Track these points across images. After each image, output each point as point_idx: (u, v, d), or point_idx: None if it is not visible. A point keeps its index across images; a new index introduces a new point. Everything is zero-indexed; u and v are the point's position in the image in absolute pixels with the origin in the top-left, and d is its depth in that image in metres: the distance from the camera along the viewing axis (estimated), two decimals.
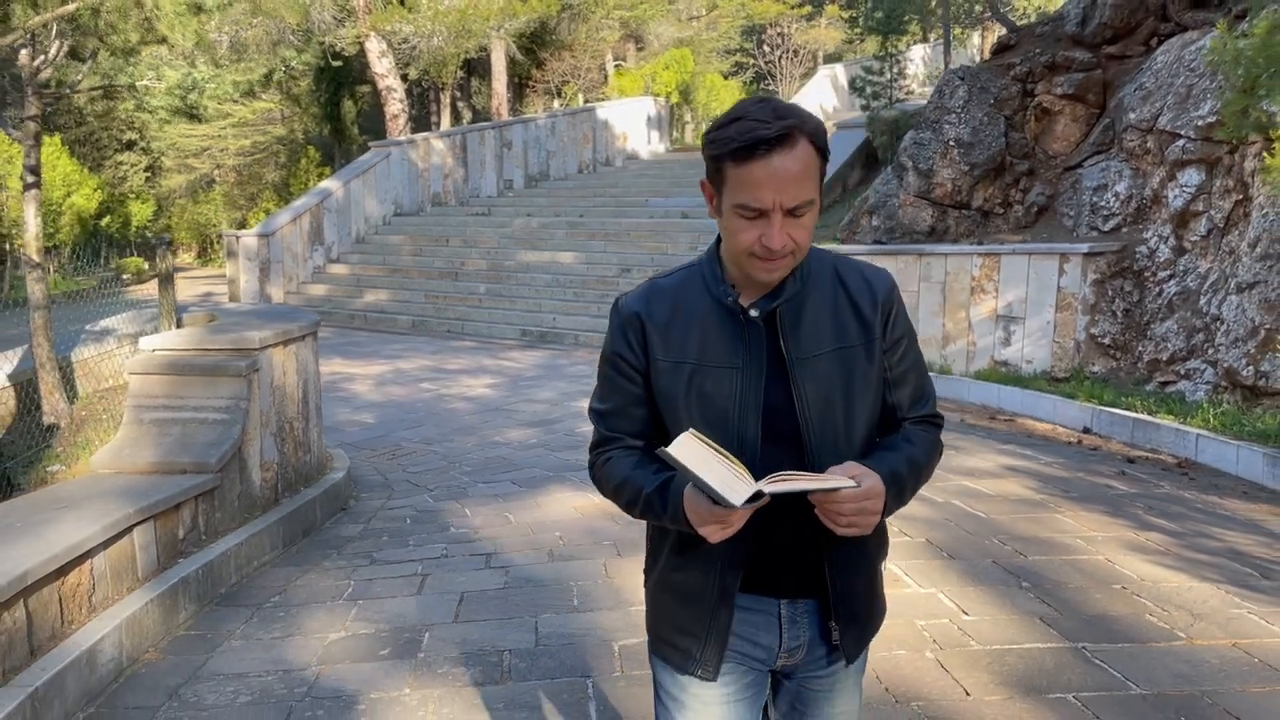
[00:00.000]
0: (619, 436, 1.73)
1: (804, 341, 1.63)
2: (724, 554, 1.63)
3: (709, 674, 1.68)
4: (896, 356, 1.70)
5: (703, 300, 1.66)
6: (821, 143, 1.55)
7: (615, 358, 1.71)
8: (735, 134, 1.51)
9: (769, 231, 1.52)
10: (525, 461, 7.41)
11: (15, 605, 3.41)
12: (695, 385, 1.63)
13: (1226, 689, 3.28)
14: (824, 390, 1.62)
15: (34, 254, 5.72)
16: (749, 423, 1.61)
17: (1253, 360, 7.13)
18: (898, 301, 1.70)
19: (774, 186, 1.49)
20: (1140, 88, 9.48)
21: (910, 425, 1.73)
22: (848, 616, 1.69)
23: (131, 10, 4.34)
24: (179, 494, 4.62)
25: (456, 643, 3.90)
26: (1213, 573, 4.47)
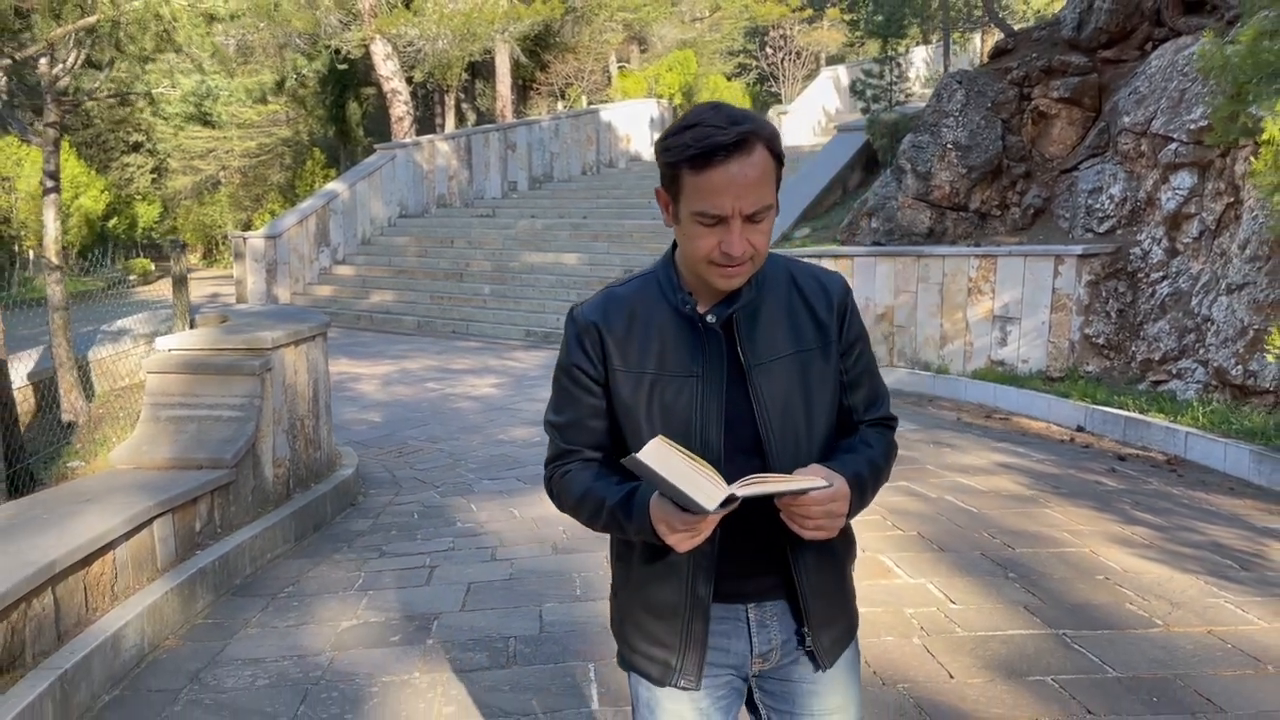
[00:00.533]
0: (576, 449, 1.71)
1: (760, 346, 1.63)
2: (694, 563, 1.62)
3: (692, 684, 1.66)
4: (852, 359, 1.70)
5: (660, 308, 1.65)
6: (777, 148, 1.55)
7: (572, 368, 1.69)
8: (691, 140, 1.50)
9: (728, 238, 1.51)
10: (530, 459, 7.58)
11: (44, 592, 3.58)
12: (656, 395, 1.62)
13: (1199, 673, 3.43)
14: (782, 394, 1.62)
15: (53, 256, 5.89)
16: (711, 431, 1.60)
17: (1241, 360, 7.28)
18: (852, 304, 1.72)
19: (733, 193, 1.49)
20: (1134, 92, 9.63)
21: (866, 428, 1.73)
22: (820, 619, 1.68)
23: (150, 22, 4.52)
24: (196, 489, 4.80)
25: (464, 630, 4.06)
26: (1194, 565, 4.63)
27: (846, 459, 1.63)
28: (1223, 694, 3.27)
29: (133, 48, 5.00)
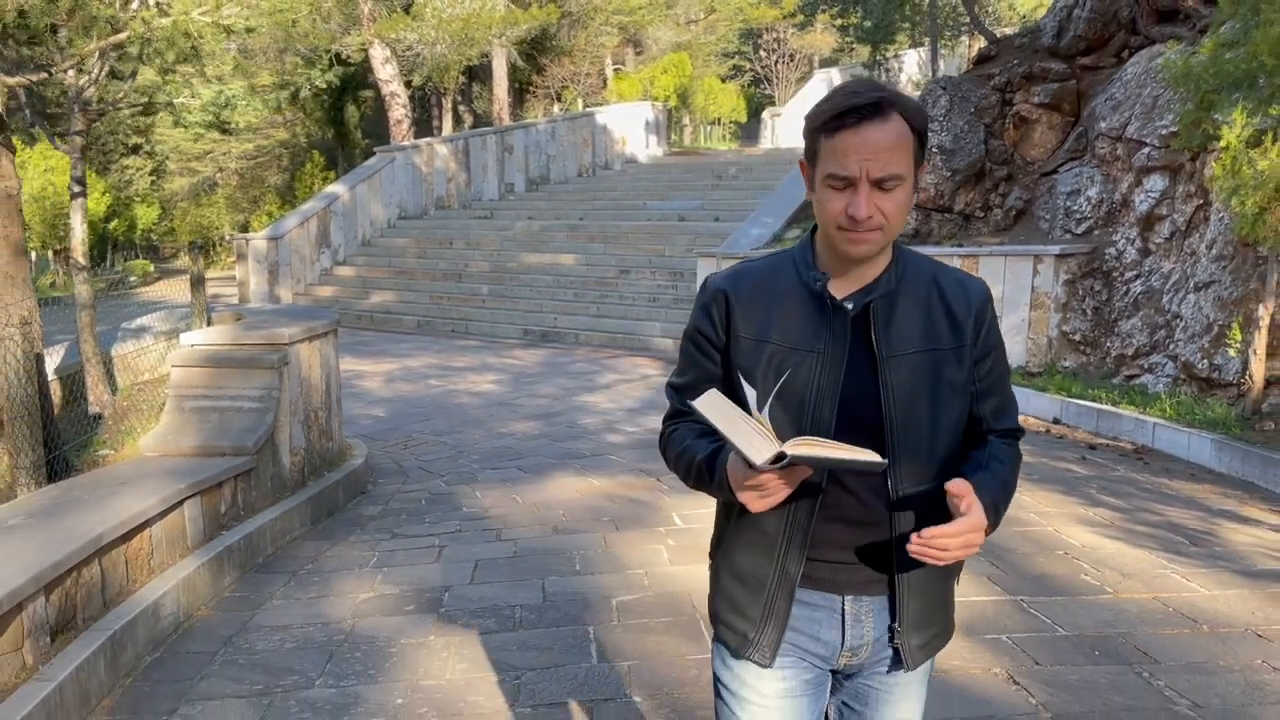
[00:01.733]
0: (689, 411, 1.68)
1: (895, 338, 1.61)
2: (788, 537, 1.62)
3: (765, 659, 1.66)
4: (986, 367, 1.68)
5: (791, 283, 1.66)
6: (918, 122, 1.54)
7: (696, 333, 1.72)
8: (829, 106, 1.52)
9: (855, 200, 1.51)
10: (530, 450, 7.93)
11: (92, 563, 3.93)
12: (774, 365, 1.62)
13: (1140, 631, 3.80)
14: (910, 389, 1.61)
15: (80, 257, 6.23)
16: (824, 409, 1.59)
17: (1207, 354, 7.66)
18: (992, 311, 1.70)
19: (862, 154, 1.49)
20: (1111, 98, 10.01)
21: (994, 439, 1.71)
22: (914, 621, 1.66)
23: (179, 39, 4.85)
24: (221, 473, 5.15)
25: (473, 600, 4.42)
26: (1149, 541, 5.00)
27: (984, 479, 1.60)
28: (1159, 649, 3.64)
29: (159, 61, 5.30)
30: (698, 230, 16.74)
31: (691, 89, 31.78)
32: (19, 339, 4.54)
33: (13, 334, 4.52)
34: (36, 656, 3.46)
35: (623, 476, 6.82)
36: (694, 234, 16.60)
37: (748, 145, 28.42)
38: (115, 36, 4.81)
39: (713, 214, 17.50)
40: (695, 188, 19.56)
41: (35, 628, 3.47)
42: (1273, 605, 4.08)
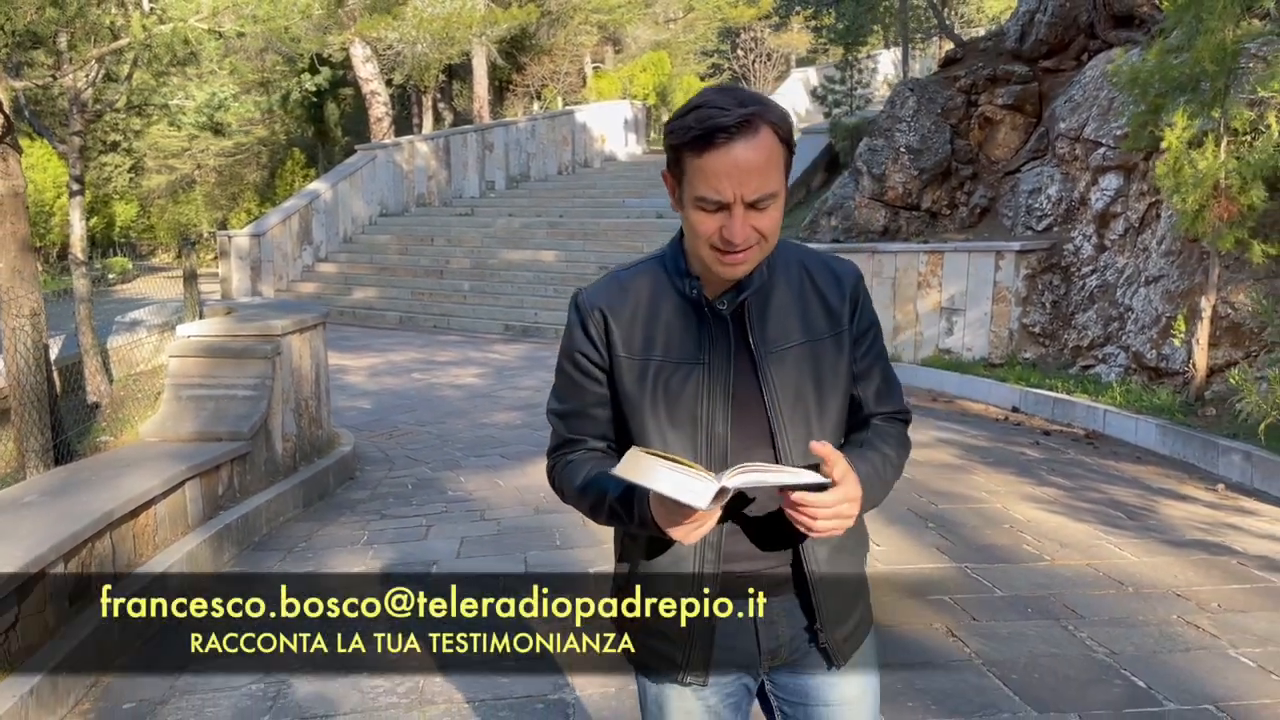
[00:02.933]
0: (579, 439, 1.66)
1: (771, 334, 1.58)
2: (700, 556, 1.58)
3: (699, 679, 1.63)
4: (863, 349, 1.65)
5: (666, 293, 1.60)
6: (785, 132, 1.48)
7: (575, 354, 1.64)
8: (694, 122, 1.45)
9: (730, 225, 1.46)
10: (512, 440, 8.24)
11: (104, 536, 4.22)
12: (661, 383, 1.58)
13: (1070, 592, 4.17)
14: (793, 384, 1.57)
15: (79, 253, 6.49)
16: (718, 419, 1.56)
17: (1155, 345, 8.07)
18: (864, 292, 1.66)
19: (734, 178, 1.43)
20: (1070, 100, 10.41)
21: (880, 421, 1.67)
22: (833, 618, 1.62)
23: (178, 46, 5.11)
24: (219, 457, 5.43)
25: (460, 571, 4.73)
26: (1089, 516, 5.37)
27: (860, 454, 1.57)
28: (1086, 606, 4.00)
29: (156, 65, 5.54)
30: (674, 227, 16.99)
31: (671, 87, 32.09)
32: (29, 330, 4.82)
33: (23, 325, 4.79)
34: (58, 619, 3.75)
35: None
36: (671, 231, 16.65)
37: None
38: (117, 43, 5.08)
39: None
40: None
41: (56, 593, 3.76)
42: (1194, 570, 4.46)
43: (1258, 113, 6.89)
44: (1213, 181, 6.59)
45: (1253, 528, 5.19)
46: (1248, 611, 3.94)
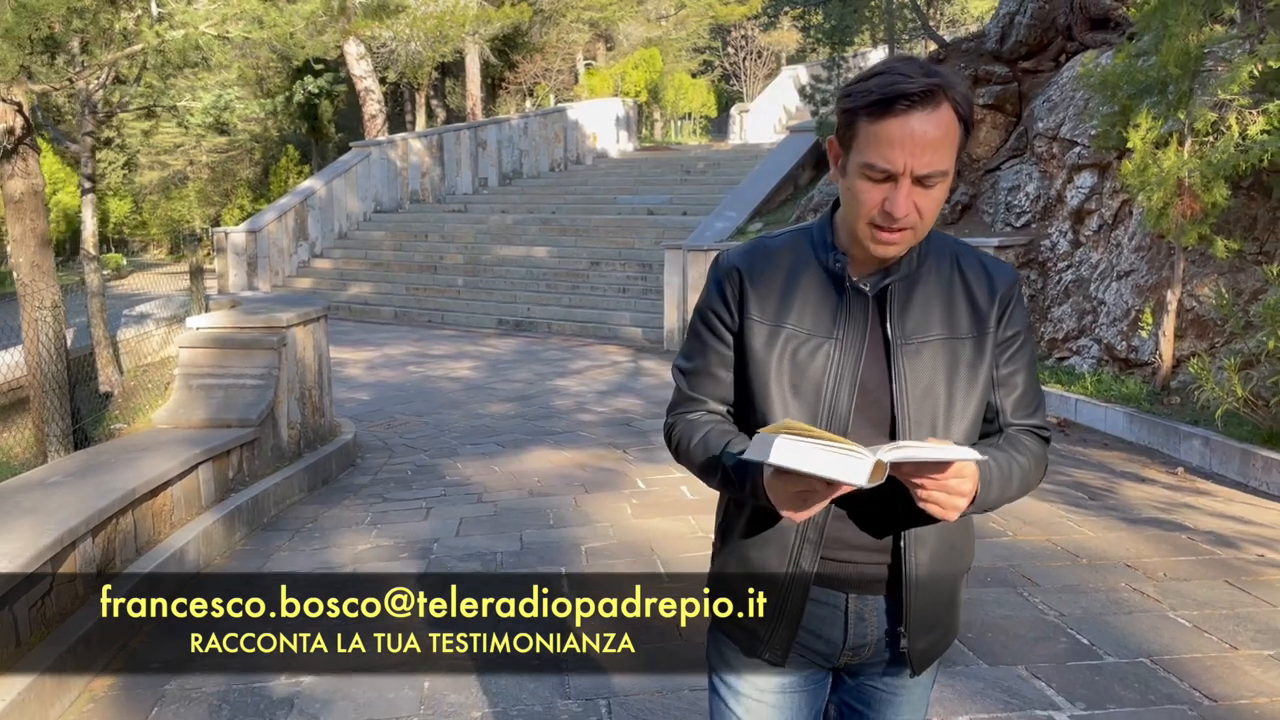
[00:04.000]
0: (700, 399, 1.64)
1: (911, 324, 1.54)
2: (802, 535, 1.55)
3: (777, 658, 1.60)
4: (1007, 355, 1.59)
5: (808, 264, 1.57)
6: (966, 111, 1.44)
7: (708, 313, 1.62)
8: (876, 86, 1.41)
9: (894, 197, 1.42)
10: (506, 429, 8.53)
11: (127, 514, 4.51)
12: (789, 351, 1.55)
13: (1028, 563, 4.48)
14: (925, 378, 1.53)
15: (91, 249, 6.76)
16: (842, 398, 1.53)
17: (1126, 337, 8.39)
18: (1017, 297, 1.60)
19: (907, 148, 1.39)
20: (1048, 100, 10.73)
21: (1017, 432, 1.61)
22: (919, 624, 1.58)
23: (190, 51, 5.37)
24: (229, 442, 5.72)
25: (459, 549, 5.03)
26: (1054, 497, 5.69)
27: (988, 452, 1.51)
28: (1041, 576, 4.32)
29: (167, 69, 5.78)
30: (666, 224, 17.35)
31: (662, 84, 32.38)
32: (50, 320, 5.09)
33: (45, 316, 5.06)
34: (86, 588, 4.03)
35: (593, 449, 7.44)
36: (662, 227, 17.21)
37: (717, 140, 29.08)
38: (130, 49, 5.35)
39: (680, 208, 18.12)
40: (664, 182, 20.16)
41: (86, 563, 4.05)
42: (1146, 544, 4.78)
43: (1220, 114, 7.21)
44: (1175, 180, 6.90)
45: (1205, 506, 5.51)
46: (1190, 580, 4.26)
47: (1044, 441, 1.64)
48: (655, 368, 11.84)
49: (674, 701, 3.22)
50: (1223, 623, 3.76)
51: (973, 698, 3.18)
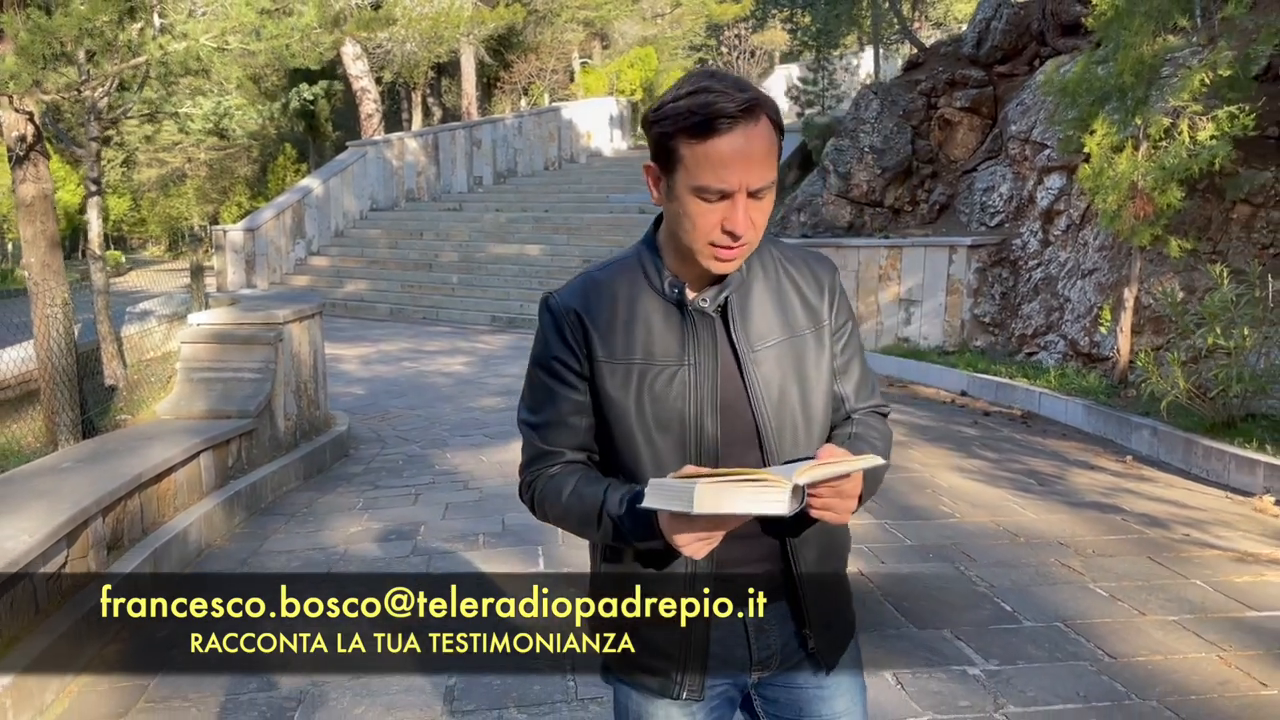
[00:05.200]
0: (557, 450, 1.59)
1: (754, 332, 1.55)
2: (694, 566, 1.51)
3: (696, 694, 1.58)
4: (841, 344, 1.63)
5: (643, 293, 1.55)
6: (779, 122, 1.45)
7: (552, 362, 1.57)
8: (694, 107, 1.39)
9: (733, 216, 1.41)
10: (495, 421, 8.88)
11: (134, 496, 4.85)
12: (646, 386, 1.52)
13: (969, 542, 4.84)
14: (778, 382, 1.54)
15: (96, 248, 7.10)
16: (706, 422, 1.52)
17: (1088, 333, 8.75)
18: (841, 287, 1.65)
19: (740, 166, 1.39)
20: (1021, 103, 11.08)
21: (864, 416, 1.64)
22: (821, 620, 1.59)
23: (192, 62, 5.69)
24: (229, 432, 6.06)
25: (445, 530, 5.38)
26: (1005, 483, 6.05)
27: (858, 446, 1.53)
28: (979, 553, 4.67)
29: (170, 79, 6.10)
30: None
31: (658, 83, 32.65)
32: (61, 317, 5.43)
33: (56, 313, 5.40)
34: (98, 564, 4.38)
35: None
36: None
37: None
38: (135, 60, 5.68)
39: None
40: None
41: (97, 541, 4.40)
42: (1082, 525, 5.13)
43: (1174, 120, 7.56)
44: (1129, 183, 7.26)
45: (1145, 491, 5.87)
46: (1115, 556, 4.62)
47: (886, 418, 1.70)
48: None
49: None
50: (1136, 593, 4.12)
51: (898, 655, 3.53)
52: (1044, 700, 3.18)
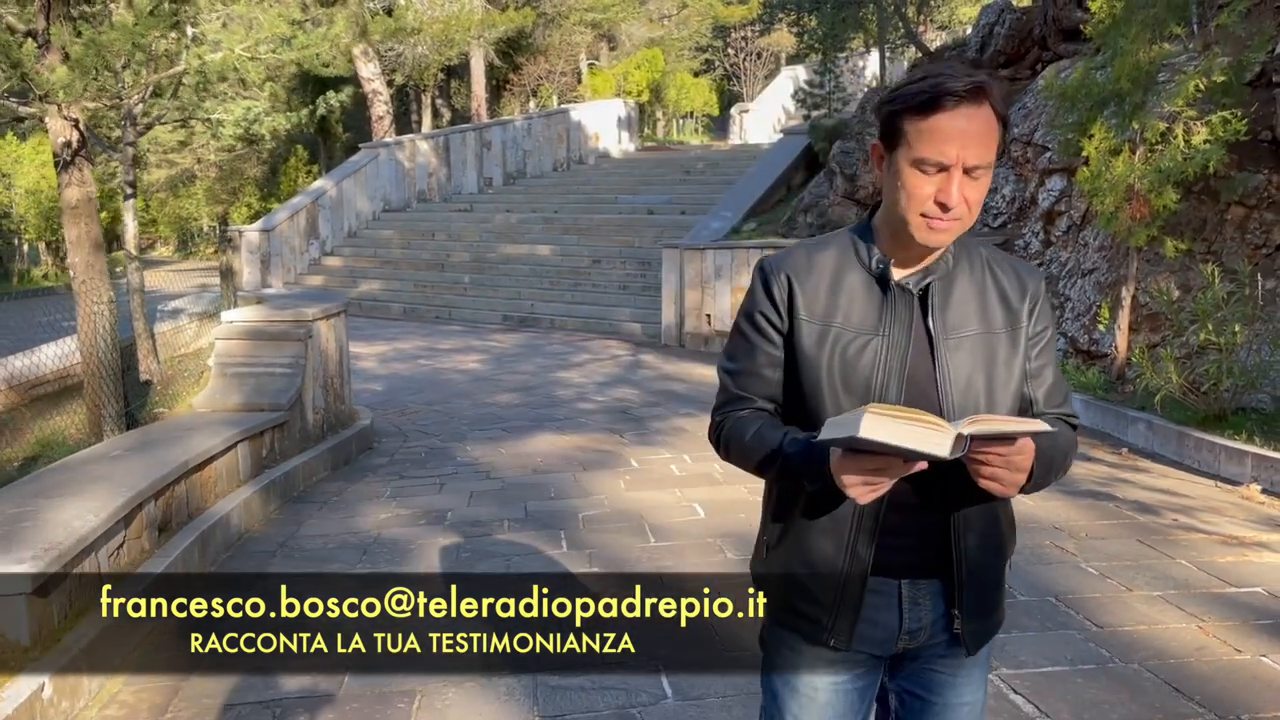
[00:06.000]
0: (749, 397, 1.70)
1: (951, 319, 1.63)
2: (858, 522, 1.62)
3: (842, 643, 1.66)
4: (1037, 350, 1.69)
5: (852, 266, 1.66)
6: (1003, 110, 1.55)
7: (756, 314, 1.70)
8: (924, 87, 1.51)
9: (947, 187, 1.51)
10: (512, 416, 9.17)
11: (180, 482, 5.15)
12: (839, 349, 1.63)
13: None
14: (966, 371, 1.62)
15: (132, 249, 7.41)
16: (891, 391, 1.60)
17: (1088, 330, 9.02)
18: (1044, 297, 1.71)
19: (959, 140, 1.49)
20: (1023, 106, 11.34)
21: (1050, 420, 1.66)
22: (972, 605, 1.66)
23: (229, 73, 5.99)
24: (263, 424, 6.36)
25: (470, 517, 5.67)
26: None
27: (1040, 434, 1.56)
28: None
29: (207, 88, 6.40)
30: (665, 223, 17.96)
31: (664, 84, 32.99)
32: (106, 314, 5.73)
33: (101, 310, 5.70)
34: (151, 544, 4.68)
35: (592, 434, 8.07)
36: (661, 226, 17.82)
37: (718, 139, 29.70)
38: (174, 69, 5.98)
39: (679, 208, 18.73)
40: (664, 182, 20.77)
41: (150, 523, 4.69)
42: (1077, 511, 5.40)
43: (1170, 125, 7.82)
44: (1125, 186, 7.52)
45: (1139, 481, 6.14)
46: (1107, 539, 4.89)
47: (1074, 429, 1.75)
48: (653, 361, 12.48)
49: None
50: (1125, 571, 4.39)
51: None
52: (1034, 664, 3.46)
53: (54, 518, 4.01)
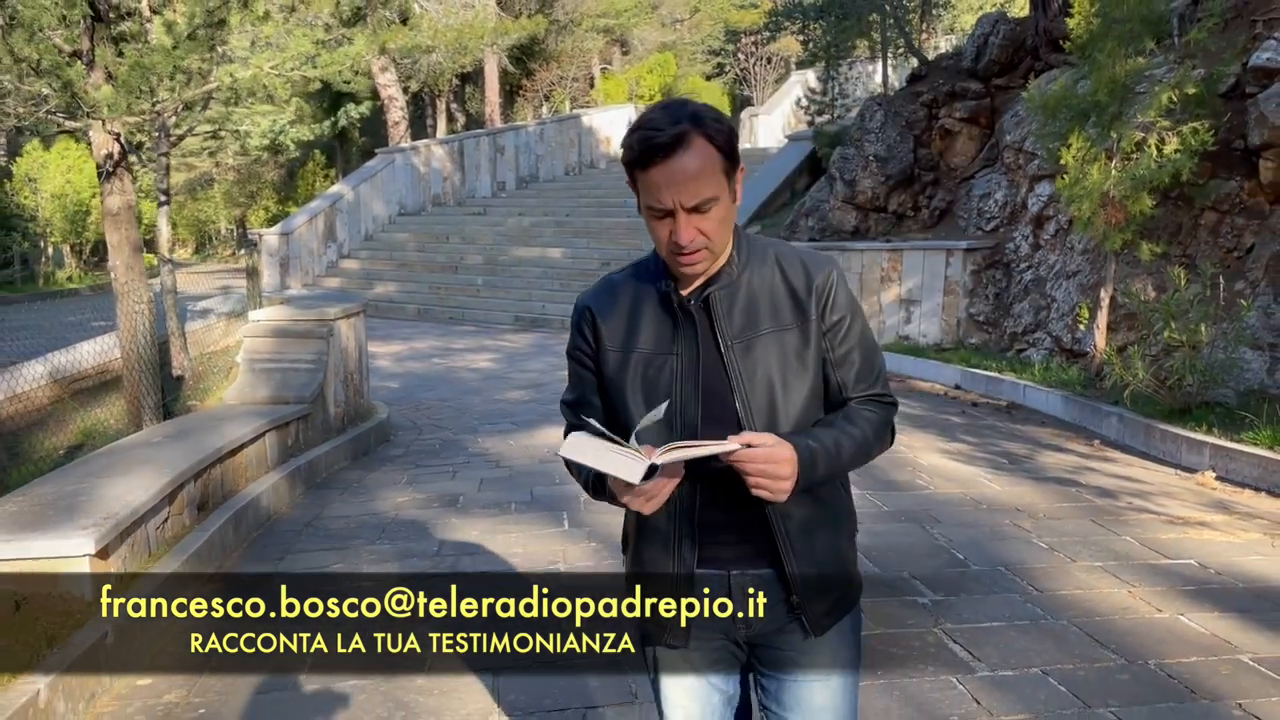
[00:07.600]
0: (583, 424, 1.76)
1: (737, 325, 1.71)
2: (678, 528, 1.74)
3: (679, 642, 1.77)
4: (838, 338, 1.75)
5: (646, 292, 1.77)
6: (721, 139, 1.63)
7: (574, 350, 1.85)
8: (636, 143, 1.63)
9: (676, 229, 1.62)
10: (521, 412, 9.64)
11: (215, 467, 5.64)
12: (639, 372, 1.75)
13: (938, 509, 5.54)
14: (760, 371, 1.70)
15: (166, 252, 7.92)
16: (689, 406, 1.70)
17: (1071, 330, 9.42)
18: (835, 284, 1.76)
19: (672, 189, 1.60)
20: (1015, 114, 11.75)
21: (855, 404, 1.76)
22: (811, 588, 1.73)
23: (259, 89, 6.47)
24: (288, 415, 6.85)
25: (481, 500, 6.14)
26: (981, 463, 6.75)
27: (812, 432, 1.70)
28: (945, 517, 5.38)
29: (236, 101, 6.86)
30: None
31: (676, 88, 33.44)
32: (146, 313, 6.23)
33: (141, 309, 6.20)
34: (191, 520, 5.17)
35: None
36: None
37: None
38: (207, 86, 6.48)
39: None
40: None
41: (190, 501, 5.18)
42: (1040, 495, 5.83)
43: (1146, 134, 8.22)
44: (1100, 193, 7.93)
45: (1105, 470, 6.56)
46: (1063, 519, 5.32)
47: (888, 406, 1.83)
48: None
49: None
50: (1073, 546, 4.82)
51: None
52: (974, 620, 3.90)
53: (107, 493, 4.50)
